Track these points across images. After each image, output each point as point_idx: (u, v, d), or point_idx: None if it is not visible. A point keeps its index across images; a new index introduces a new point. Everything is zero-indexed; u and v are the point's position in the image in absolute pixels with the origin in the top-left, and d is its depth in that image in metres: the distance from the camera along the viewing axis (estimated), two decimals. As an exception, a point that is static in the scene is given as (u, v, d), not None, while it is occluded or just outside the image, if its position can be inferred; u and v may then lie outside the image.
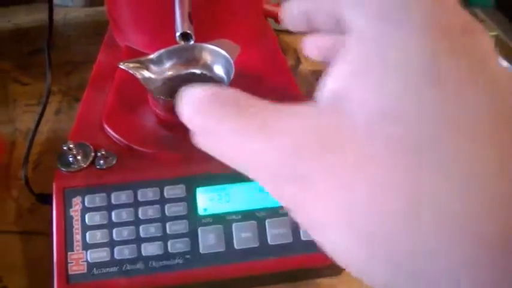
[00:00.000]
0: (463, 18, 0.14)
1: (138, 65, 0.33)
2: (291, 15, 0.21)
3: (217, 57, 0.35)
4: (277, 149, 0.14)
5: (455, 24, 0.14)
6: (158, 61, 0.34)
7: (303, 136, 0.14)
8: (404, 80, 0.13)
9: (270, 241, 0.33)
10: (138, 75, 0.32)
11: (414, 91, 0.13)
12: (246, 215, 0.33)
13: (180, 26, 0.34)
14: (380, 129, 0.13)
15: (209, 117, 0.16)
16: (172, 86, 0.35)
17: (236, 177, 0.34)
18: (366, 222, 0.13)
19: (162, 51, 0.34)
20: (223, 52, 0.34)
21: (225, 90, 0.16)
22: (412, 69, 0.13)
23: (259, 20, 0.46)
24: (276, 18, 0.49)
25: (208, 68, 0.36)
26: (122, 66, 0.30)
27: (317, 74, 0.55)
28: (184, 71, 0.36)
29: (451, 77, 0.13)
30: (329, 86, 0.15)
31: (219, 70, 0.36)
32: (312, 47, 0.22)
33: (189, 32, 0.34)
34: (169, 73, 0.35)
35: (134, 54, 0.42)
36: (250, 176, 0.16)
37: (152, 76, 0.33)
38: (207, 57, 0.36)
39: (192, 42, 0.35)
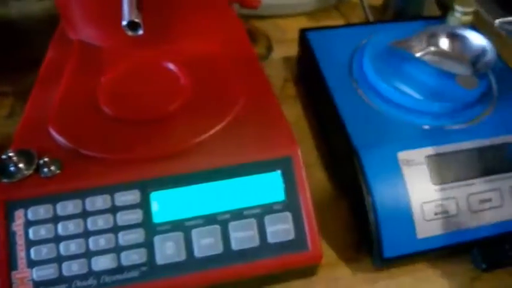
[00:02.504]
0: None
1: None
2: None
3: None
4: None
5: None
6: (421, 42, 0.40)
7: None
8: None
9: (234, 246, 0.30)
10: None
11: None
12: (207, 219, 0.30)
13: (127, 14, 0.31)
14: None
15: None
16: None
17: (194, 178, 0.31)
18: None
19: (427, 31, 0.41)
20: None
21: None
22: None
23: (221, 6, 0.42)
24: (241, 3, 0.45)
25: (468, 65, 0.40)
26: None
27: (290, 61, 0.52)
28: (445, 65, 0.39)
29: None
30: None
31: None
32: None
33: (136, 20, 0.31)
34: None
35: (86, 49, 0.39)
36: None
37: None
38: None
39: (140, 32, 0.32)
